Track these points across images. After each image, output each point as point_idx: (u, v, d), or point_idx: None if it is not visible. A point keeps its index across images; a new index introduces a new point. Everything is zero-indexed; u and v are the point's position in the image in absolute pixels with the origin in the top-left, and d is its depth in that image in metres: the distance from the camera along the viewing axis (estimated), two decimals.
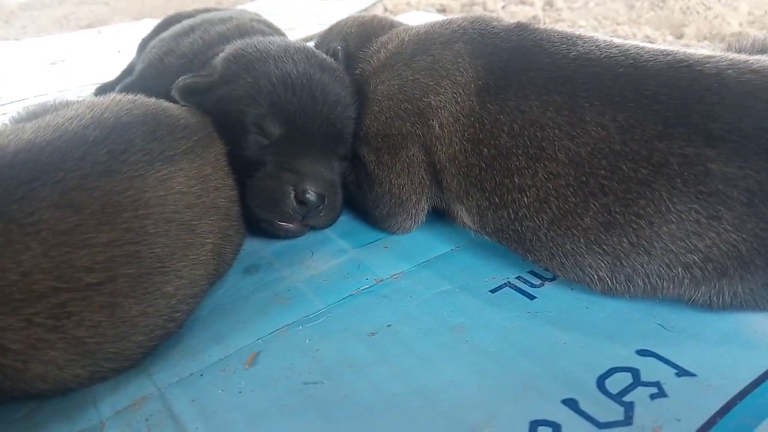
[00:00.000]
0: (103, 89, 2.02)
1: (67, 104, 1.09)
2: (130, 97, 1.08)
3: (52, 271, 0.81)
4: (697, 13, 3.19)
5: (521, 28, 1.14)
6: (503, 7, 3.95)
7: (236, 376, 0.91)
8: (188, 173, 1.01)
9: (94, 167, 0.88)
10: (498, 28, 1.15)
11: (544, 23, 3.31)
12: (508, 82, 1.06)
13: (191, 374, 0.93)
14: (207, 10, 1.95)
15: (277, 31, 1.67)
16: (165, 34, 1.63)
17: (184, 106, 1.19)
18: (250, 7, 3.70)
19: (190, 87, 1.21)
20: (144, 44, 1.92)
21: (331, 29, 1.55)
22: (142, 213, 0.91)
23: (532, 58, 1.06)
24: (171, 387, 0.91)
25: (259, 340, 0.98)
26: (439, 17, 3.14)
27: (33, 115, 1.12)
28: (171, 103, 1.14)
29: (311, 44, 1.55)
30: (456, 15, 1.27)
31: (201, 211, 1.01)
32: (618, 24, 3.36)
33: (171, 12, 4.30)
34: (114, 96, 1.07)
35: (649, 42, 2.69)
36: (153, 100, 1.10)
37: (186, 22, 1.62)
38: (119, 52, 2.92)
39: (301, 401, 0.86)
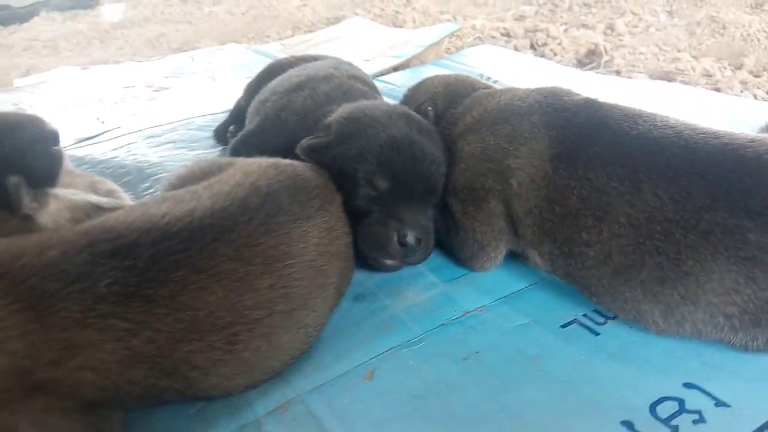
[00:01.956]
0: (218, 132, 2.34)
1: (219, 168, 1.36)
2: (271, 161, 1.34)
3: (229, 309, 1.08)
4: (758, 40, 3.28)
5: (589, 105, 1.35)
6: (565, 32, 4.11)
7: (359, 388, 1.17)
8: (320, 227, 1.26)
9: (257, 228, 1.15)
10: (569, 104, 1.37)
11: (606, 51, 3.46)
12: (577, 153, 1.28)
13: (322, 384, 1.19)
14: (304, 59, 2.23)
15: (369, 86, 1.93)
16: (276, 87, 1.90)
17: (306, 161, 1.46)
18: (331, 33, 4.00)
19: (312, 146, 1.47)
20: (251, 89, 2.21)
21: (419, 86, 1.79)
22: (290, 262, 1.17)
23: (598, 134, 1.27)
24: (308, 393, 1.17)
25: (373, 359, 1.24)
26: (504, 51, 3.33)
27: (184, 180, 1.40)
28: (300, 165, 1.40)
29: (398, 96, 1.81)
30: (531, 89, 1.48)
31: (329, 257, 1.26)
32: (678, 51, 3.48)
33: (251, 34, 4.64)
34: (260, 162, 1.33)
35: (707, 76, 2.83)
36: (288, 164, 1.36)
37: (294, 79, 1.88)
38: (213, 79, 3.25)
39: (412, 412, 1.11)
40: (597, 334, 1.25)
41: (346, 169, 1.43)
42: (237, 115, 2.34)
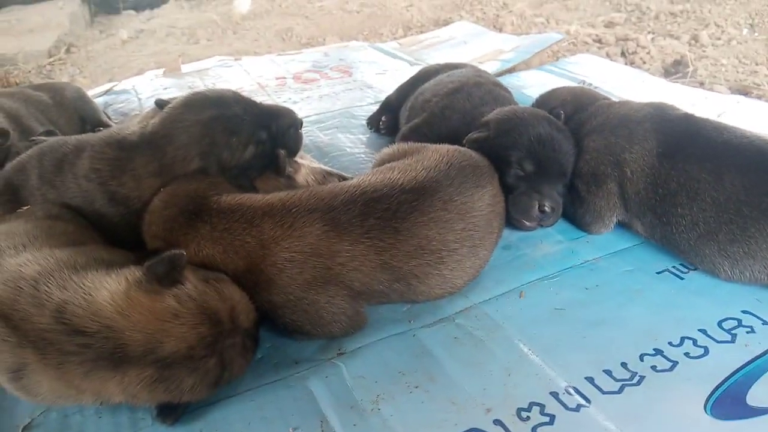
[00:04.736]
0: (371, 120, 2.98)
1: (416, 150, 1.96)
2: (454, 147, 1.92)
3: (439, 241, 1.68)
4: None
5: (687, 118, 1.89)
6: (652, 40, 4.53)
7: (515, 302, 1.76)
8: (490, 193, 1.84)
9: (455, 190, 1.74)
10: (672, 116, 1.91)
11: (691, 61, 3.89)
12: (678, 152, 1.81)
13: (490, 298, 1.78)
14: (447, 66, 2.80)
15: (507, 90, 2.49)
16: (436, 89, 2.47)
17: (471, 149, 2.03)
18: (443, 35, 4.56)
19: (476, 139, 2.05)
20: (403, 89, 2.83)
21: (550, 94, 2.35)
22: (473, 214, 1.76)
23: (694, 139, 1.81)
24: (481, 303, 1.77)
25: (522, 286, 1.82)
26: (602, 60, 3.81)
27: (390, 157, 2.00)
28: (470, 150, 1.97)
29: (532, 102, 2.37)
30: (643, 103, 2.01)
31: (494, 215, 1.85)
32: (757, 64, 3.88)
33: (366, 31, 5.22)
34: (447, 147, 1.92)
35: None
36: (465, 149, 1.94)
37: (449, 84, 2.45)
38: (350, 74, 3.87)
39: (554, 317, 1.69)
40: (682, 279, 1.80)
41: (502, 155, 2.01)
42: (387, 108, 2.95)
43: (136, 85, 3.95)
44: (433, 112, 2.38)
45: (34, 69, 5.00)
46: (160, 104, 1.99)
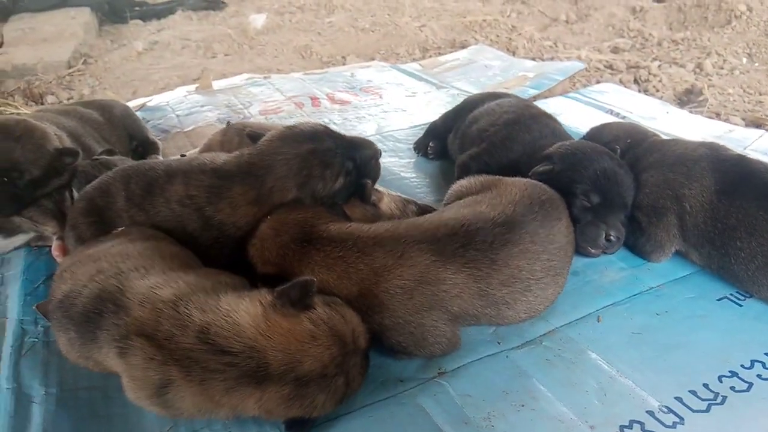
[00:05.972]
0: (418, 145, 3.14)
1: (492, 183, 2.11)
2: (527, 181, 2.08)
3: (527, 271, 1.82)
4: None
5: (742, 159, 2.09)
6: (659, 67, 4.77)
7: (594, 326, 1.93)
8: (564, 224, 2.00)
9: (539, 223, 1.89)
10: (726, 156, 2.11)
11: (704, 90, 4.12)
12: (734, 190, 2.00)
13: (569, 322, 1.94)
14: (490, 96, 2.96)
15: (558, 123, 2.66)
16: (492, 119, 2.62)
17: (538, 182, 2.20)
18: (463, 58, 4.74)
19: (542, 172, 2.21)
20: (449, 117, 3.02)
21: (602, 129, 2.54)
22: (555, 245, 1.92)
23: (749, 178, 2.00)
24: (562, 327, 1.93)
25: (598, 310, 1.99)
26: (624, 89, 4.01)
27: (467, 190, 2.14)
28: (542, 184, 2.13)
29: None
30: (697, 143, 2.21)
31: (569, 244, 2.01)
32: (761, 94, 4.14)
33: (382, 50, 5.35)
34: (522, 181, 2.07)
35: None
36: (539, 183, 2.10)
37: (504, 115, 2.62)
38: (381, 96, 4.02)
39: (633, 341, 1.86)
40: (740, 305, 1.99)
41: (568, 188, 2.17)
42: (433, 134, 3.11)
43: (171, 102, 4.03)
44: (493, 143, 2.54)
45: (55, 80, 5.03)
46: (253, 137, 2.10)
